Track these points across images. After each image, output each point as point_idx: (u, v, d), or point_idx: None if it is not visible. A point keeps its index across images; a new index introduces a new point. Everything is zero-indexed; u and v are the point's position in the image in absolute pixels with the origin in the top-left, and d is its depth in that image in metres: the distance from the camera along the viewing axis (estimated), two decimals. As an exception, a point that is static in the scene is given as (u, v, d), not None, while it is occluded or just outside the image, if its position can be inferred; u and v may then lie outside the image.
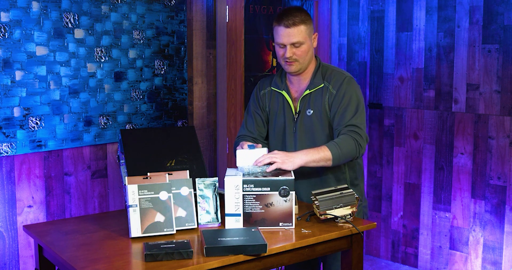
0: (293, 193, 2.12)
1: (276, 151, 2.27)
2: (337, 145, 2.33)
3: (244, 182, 2.11)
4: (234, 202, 2.12)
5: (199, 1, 3.31)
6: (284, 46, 2.41)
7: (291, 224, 2.14)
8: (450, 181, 3.70)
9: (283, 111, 2.54)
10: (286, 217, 2.13)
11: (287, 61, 2.43)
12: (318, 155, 2.29)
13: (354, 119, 2.41)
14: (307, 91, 2.48)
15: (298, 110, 2.50)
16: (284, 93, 2.53)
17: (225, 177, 2.12)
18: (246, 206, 2.12)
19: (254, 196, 2.12)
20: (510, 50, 3.39)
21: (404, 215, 3.94)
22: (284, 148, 2.53)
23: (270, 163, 2.22)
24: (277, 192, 2.12)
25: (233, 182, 2.12)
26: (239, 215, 2.12)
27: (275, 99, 2.57)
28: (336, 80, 2.46)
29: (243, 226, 2.12)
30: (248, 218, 2.12)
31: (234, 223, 2.13)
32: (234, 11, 3.60)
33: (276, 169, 2.22)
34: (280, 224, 2.13)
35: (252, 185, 2.11)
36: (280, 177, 2.12)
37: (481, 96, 3.53)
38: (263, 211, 2.12)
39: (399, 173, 3.94)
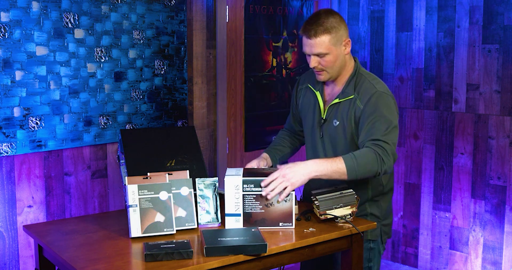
0: (293, 193, 2.12)
1: (277, 171, 2.13)
2: (353, 157, 2.16)
3: (244, 182, 2.10)
4: (234, 202, 2.11)
5: (199, 1, 3.31)
6: (310, 55, 2.30)
7: (291, 224, 2.13)
8: (450, 181, 3.70)
9: (313, 112, 2.44)
10: (286, 217, 2.13)
11: (315, 70, 2.33)
12: (331, 168, 2.14)
13: (381, 136, 2.21)
14: (337, 100, 2.35)
15: (325, 117, 2.38)
16: (317, 94, 2.42)
17: (225, 177, 2.12)
18: (246, 206, 2.11)
19: (254, 196, 2.11)
20: (510, 50, 3.39)
21: (404, 215, 3.94)
22: (314, 150, 2.45)
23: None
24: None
25: (233, 182, 2.11)
26: (239, 215, 2.11)
27: (308, 97, 2.48)
28: (364, 94, 2.29)
29: (243, 226, 2.12)
30: (248, 218, 2.12)
31: (234, 223, 2.12)
32: (234, 11, 3.60)
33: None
34: (280, 224, 2.13)
35: (252, 185, 2.11)
36: None
37: (481, 96, 3.53)
38: (263, 211, 2.12)
39: (399, 173, 3.94)
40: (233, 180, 2.11)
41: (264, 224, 2.12)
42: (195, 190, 2.22)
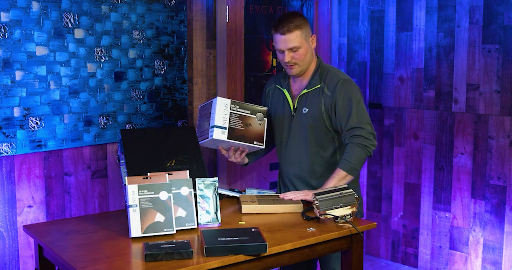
0: (265, 119, 2.60)
1: (305, 193, 2.51)
2: (347, 162, 2.48)
3: (232, 102, 2.56)
4: (222, 117, 2.52)
5: (199, 1, 3.31)
6: (283, 51, 2.56)
7: (262, 144, 2.58)
8: (450, 181, 3.70)
9: (282, 108, 2.71)
10: (259, 138, 2.59)
11: (288, 65, 2.59)
12: (340, 182, 2.48)
13: (353, 121, 2.53)
14: (305, 91, 2.63)
15: (295, 107, 2.65)
16: (285, 91, 2.70)
17: (217, 97, 2.54)
18: (231, 122, 2.53)
19: (238, 115, 2.54)
20: (510, 50, 3.39)
21: (404, 215, 3.94)
22: (280, 141, 2.72)
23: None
24: (255, 116, 2.56)
25: (223, 101, 2.55)
26: (225, 128, 2.52)
27: (276, 96, 2.76)
28: (330, 82, 2.59)
29: (228, 139, 2.51)
30: (232, 133, 2.53)
31: (220, 135, 2.50)
32: (234, 11, 3.60)
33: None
34: (255, 142, 2.57)
35: (238, 106, 2.56)
36: (257, 106, 2.61)
37: (481, 96, 3.53)
38: (243, 129, 2.55)
39: (399, 173, 3.94)
40: (224, 100, 2.55)
41: (244, 140, 2.56)
42: (195, 190, 2.22)
